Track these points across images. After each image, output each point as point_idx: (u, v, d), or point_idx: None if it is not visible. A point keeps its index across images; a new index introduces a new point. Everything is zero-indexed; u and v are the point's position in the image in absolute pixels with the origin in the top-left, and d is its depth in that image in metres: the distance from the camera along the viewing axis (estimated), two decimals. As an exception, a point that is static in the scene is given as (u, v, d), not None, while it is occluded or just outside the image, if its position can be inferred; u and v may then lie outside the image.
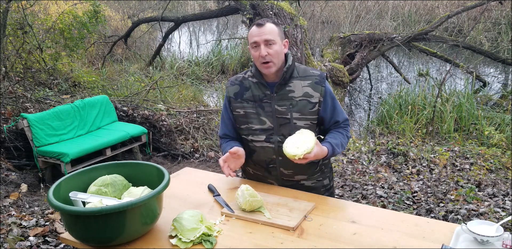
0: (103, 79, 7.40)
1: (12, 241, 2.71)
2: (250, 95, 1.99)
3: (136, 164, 1.86)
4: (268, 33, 1.87)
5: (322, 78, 1.96)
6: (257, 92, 1.98)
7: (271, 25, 1.89)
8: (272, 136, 1.97)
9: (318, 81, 1.95)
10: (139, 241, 1.60)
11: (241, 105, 2.01)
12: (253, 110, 1.98)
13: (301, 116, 1.94)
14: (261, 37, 1.87)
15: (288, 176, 2.05)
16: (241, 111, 2.01)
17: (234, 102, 2.02)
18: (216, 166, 4.69)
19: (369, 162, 4.38)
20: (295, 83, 1.95)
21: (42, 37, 6.35)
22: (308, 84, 1.94)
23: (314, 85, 1.94)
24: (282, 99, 1.94)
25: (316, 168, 2.06)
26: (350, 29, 10.58)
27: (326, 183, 2.14)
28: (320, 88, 1.94)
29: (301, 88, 1.94)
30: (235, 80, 2.07)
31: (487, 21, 10.91)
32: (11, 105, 4.85)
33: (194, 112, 5.78)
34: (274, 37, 1.88)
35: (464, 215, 3.12)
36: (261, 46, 1.87)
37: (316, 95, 1.94)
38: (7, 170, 4.12)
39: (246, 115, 2.00)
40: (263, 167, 2.06)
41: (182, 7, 17.34)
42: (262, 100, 1.97)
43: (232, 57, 10.01)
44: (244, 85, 2.02)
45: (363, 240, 1.59)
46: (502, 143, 4.86)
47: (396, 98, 6.71)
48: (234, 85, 2.05)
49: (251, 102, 1.99)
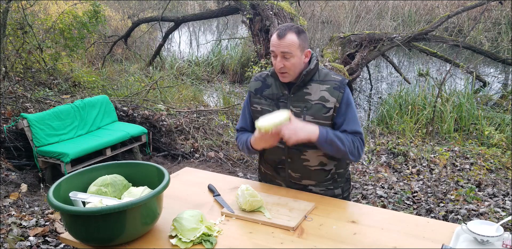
0: (103, 79, 7.40)
1: (12, 241, 2.71)
2: (270, 93, 2.00)
3: (136, 164, 1.86)
4: (286, 46, 1.81)
5: (343, 84, 1.90)
6: (276, 90, 1.98)
7: (291, 37, 1.82)
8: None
9: (337, 87, 1.89)
10: (139, 241, 1.60)
11: (259, 101, 2.02)
12: (269, 108, 1.98)
13: (314, 119, 1.90)
14: (278, 48, 1.83)
15: (296, 179, 2.03)
16: (258, 107, 2.02)
17: (254, 97, 2.04)
18: (216, 166, 4.69)
19: (369, 162, 4.38)
20: (313, 86, 1.91)
21: (42, 37, 6.35)
22: (326, 88, 1.90)
23: (332, 90, 1.89)
24: (297, 101, 1.93)
25: (327, 176, 2.01)
26: (350, 29, 10.57)
27: (337, 193, 2.06)
28: (338, 93, 1.88)
29: (318, 91, 1.90)
30: (259, 76, 2.08)
31: (487, 21, 10.91)
32: (11, 105, 4.84)
33: (194, 112, 5.78)
34: (293, 50, 1.82)
35: (464, 215, 3.12)
36: (278, 57, 1.85)
37: (332, 100, 1.88)
38: (7, 170, 4.12)
39: (262, 112, 2.00)
40: (272, 167, 2.07)
41: (182, 7, 17.34)
42: (279, 99, 1.97)
43: (232, 57, 10.00)
44: (266, 82, 2.03)
45: (363, 240, 1.59)
46: (502, 143, 4.86)
47: (396, 98, 6.71)
48: (257, 81, 2.07)
49: (269, 100, 1.99)
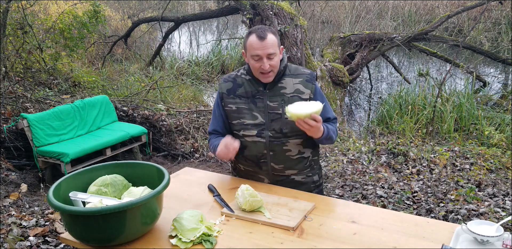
0: (103, 79, 7.39)
1: (12, 241, 2.71)
2: (243, 91, 2.04)
3: (136, 164, 1.86)
4: (270, 46, 1.89)
5: (313, 77, 2.05)
6: (250, 88, 2.03)
7: (271, 37, 1.90)
8: (263, 131, 2.02)
9: (309, 79, 2.03)
10: (139, 241, 1.60)
11: (234, 101, 2.06)
12: (246, 105, 2.03)
13: None
14: (264, 51, 1.89)
15: (279, 171, 2.08)
16: (233, 106, 2.06)
17: (227, 98, 2.07)
18: (216, 166, 4.69)
19: (369, 162, 4.38)
20: (287, 80, 2.02)
21: (42, 37, 6.35)
22: (299, 81, 2.02)
23: (305, 83, 2.02)
24: (274, 95, 2.01)
25: (306, 163, 2.11)
26: (350, 29, 10.58)
27: (316, 179, 2.18)
28: (311, 85, 2.02)
29: (292, 85, 2.01)
30: (228, 77, 2.13)
31: (487, 21, 10.90)
32: (11, 105, 4.84)
33: (194, 112, 5.78)
34: (275, 49, 1.92)
35: (464, 215, 3.12)
36: (263, 59, 1.90)
37: (307, 92, 2.01)
38: (7, 170, 4.12)
39: (238, 110, 2.04)
40: (254, 162, 2.09)
41: (182, 7, 17.34)
42: (254, 96, 2.02)
43: (232, 57, 10.01)
44: (237, 82, 2.08)
45: (363, 240, 1.59)
46: (502, 143, 4.86)
47: (396, 98, 6.71)
48: (227, 82, 2.10)
49: (243, 98, 2.04)
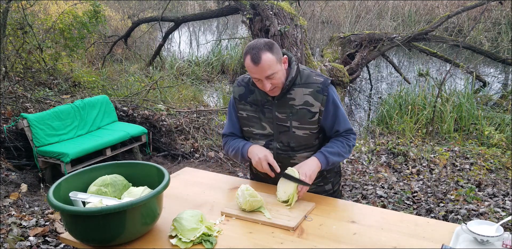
0: (103, 79, 7.39)
1: (12, 241, 2.70)
2: (254, 99, 1.96)
3: (136, 164, 1.86)
4: (267, 68, 1.76)
5: (325, 86, 1.88)
6: (260, 97, 1.95)
7: (266, 56, 1.75)
8: (271, 142, 1.97)
9: (320, 90, 1.88)
10: (139, 241, 1.60)
11: (244, 108, 1.99)
12: (255, 114, 1.97)
13: (300, 125, 1.91)
14: (261, 74, 1.78)
15: None
16: (243, 113, 2.00)
17: (239, 103, 2.01)
18: (216, 166, 4.69)
19: (369, 162, 4.37)
20: (297, 90, 1.89)
21: (42, 37, 6.35)
22: (309, 92, 1.88)
23: (316, 94, 1.88)
24: (282, 106, 1.91)
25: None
26: (350, 29, 10.57)
27: (328, 189, 2.11)
28: (322, 97, 1.87)
29: (302, 96, 1.88)
30: (241, 81, 2.03)
31: (487, 21, 10.90)
32: (11, 105, 4.84)
33: (194, 112, 5.78)
34: (274, 68, 1.78)
35: (464, 215, 3.12)
36: (263, 81, 1.80)
37: (317, 104, 1.88)
38: (7, 170, 4.12)
39: (248, 118, 1.99)
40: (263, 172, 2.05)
41: (182, 7, 17.34)
42: (264, 105, 1.94)
43: (232, 57, 10.01)
44: (249, 88, 1.98)
45: (363, 240, 1.59)
46: (502, 143, 4.86)
47: (396, 98, 6.71)
48: (240, 86, 2.02)
49: (254, 106, 1.97)
